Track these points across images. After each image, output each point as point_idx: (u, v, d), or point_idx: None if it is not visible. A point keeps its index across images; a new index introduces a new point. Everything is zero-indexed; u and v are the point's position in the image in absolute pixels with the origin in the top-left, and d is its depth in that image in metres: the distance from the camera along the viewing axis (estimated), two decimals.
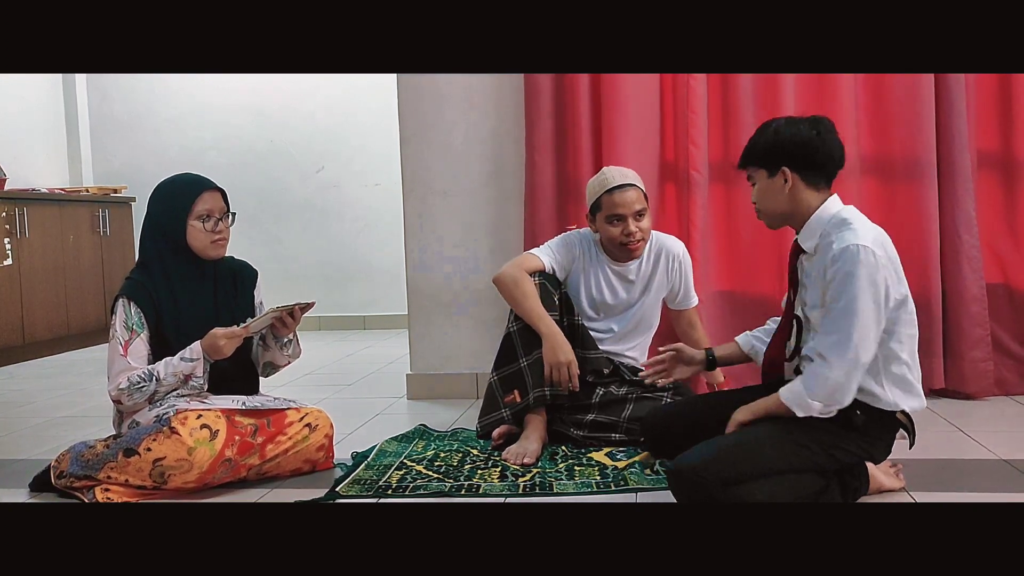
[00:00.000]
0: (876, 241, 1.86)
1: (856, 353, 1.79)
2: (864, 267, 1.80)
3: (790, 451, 1.85)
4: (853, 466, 1.98)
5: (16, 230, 4.79)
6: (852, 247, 1.82)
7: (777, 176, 1.97)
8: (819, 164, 1.96)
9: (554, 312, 2.55)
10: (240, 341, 2.30)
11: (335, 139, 5.94)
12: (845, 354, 1.80)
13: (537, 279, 2.58)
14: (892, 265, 1.87)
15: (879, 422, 1.94)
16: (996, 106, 3.12)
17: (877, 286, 1.81)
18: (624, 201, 2.55)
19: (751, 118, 3.10)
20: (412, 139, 3.39)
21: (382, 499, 2.15)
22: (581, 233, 2.74)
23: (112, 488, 2.19)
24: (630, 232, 2.56)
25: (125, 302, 2.28)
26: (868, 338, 1.80)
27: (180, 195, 2.33)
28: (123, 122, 6.12)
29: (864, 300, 1.80)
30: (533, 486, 2.19)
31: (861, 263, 1.80)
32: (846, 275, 1.81)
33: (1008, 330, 3.13)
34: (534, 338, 2.53)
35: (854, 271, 1.80)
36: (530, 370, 2.51)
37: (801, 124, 1.99)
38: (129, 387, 2.23)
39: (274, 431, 2.32)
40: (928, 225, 3.04)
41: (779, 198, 1.98)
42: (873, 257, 1.81)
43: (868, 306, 1.80)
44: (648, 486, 2.17)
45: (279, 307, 2.34)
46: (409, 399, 3.42)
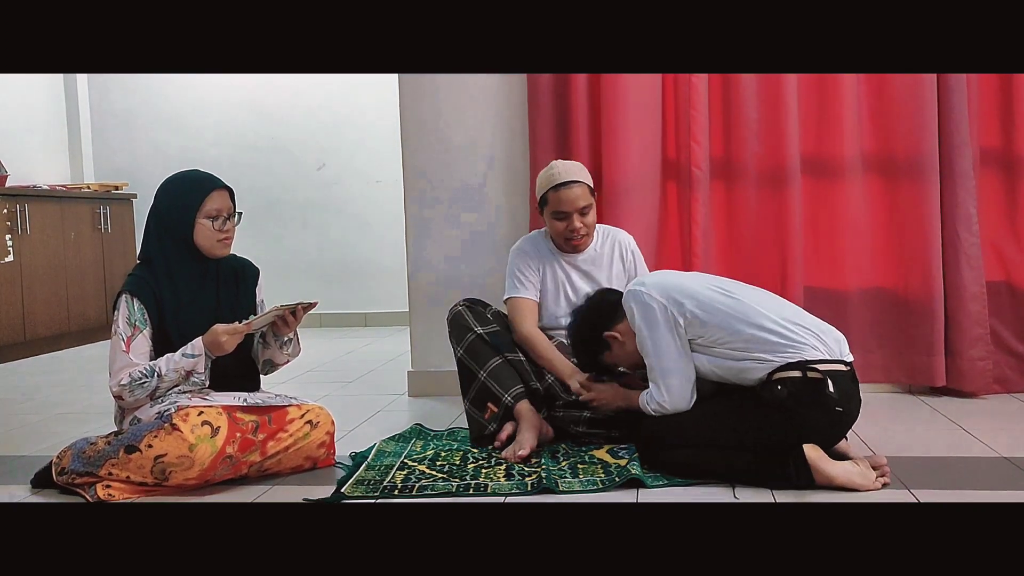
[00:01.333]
0: (636, 283, 2.31)
1: (666, 374, 2.24)
2: (636, 306, 2.27)
3: (724, 427, 2.17)
4: (781, 449, 2.10)
5: (17, 227, 4.79)
6: (625, 296, 2.32)
7: (614, 349, 2.40)
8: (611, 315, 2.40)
9: (515, 356, 2.62)
10: (241, 338, 2.30)
11: (336, 136, 5.94)
12: (658, 377, 2.26)
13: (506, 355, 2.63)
14: (660, 290, 2.26)
15: (797, 395, 2.09)
16: (997, 104, 3.12)
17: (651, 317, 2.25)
18: (568, 198, 2.62)
19: (753, 114, 3.11)
20: (413, 136, 3.38)
21: (389, 499, 2.15)
22: (530, 239, 2.79)
23: (113, 485, 2.19)
24: (574, 228, 2.64)
25: (128, 298, 2.28)
26: (670, 365, 2.24)
27: (190, 192, 2.33)
28: (124, 119, 6.12)
29: (647, 332, 2.25)
30: (540, 483, 2.19)
31: (632, 304, 2.27)
32: (633, 321, 2.29)
33: (1009, 327, 3.13)
34: (481, 351, 2.60)
35: (633, 315, 2.29)
36: (492, 378, 2.57)
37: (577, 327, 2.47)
38: (131, 383, 2.23)
39: (275, 428, 2.32)
40: (929, 223, 3.03)
41: (635, 354, 2.34)
42: (636, 293, 2.27)
43: (655, 333, 2.24)
44: (654, 483, 2.17)
45: (282, 305, 2.34)
46: (410, 396, 3.42)
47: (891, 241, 3.11)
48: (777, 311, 2.22)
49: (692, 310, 2.21)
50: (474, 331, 2.63)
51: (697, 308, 2.21)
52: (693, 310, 2.21)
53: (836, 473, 2.07)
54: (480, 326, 2.64)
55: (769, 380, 2.13)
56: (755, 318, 2.18)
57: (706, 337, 2.21)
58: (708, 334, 2.20)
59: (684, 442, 2.20)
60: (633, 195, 3.13)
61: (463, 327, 2.65)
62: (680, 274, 2.49)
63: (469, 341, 2.62)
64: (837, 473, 2.07)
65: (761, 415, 2.13)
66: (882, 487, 2.09)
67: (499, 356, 2.60)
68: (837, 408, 2.11)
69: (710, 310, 2.21)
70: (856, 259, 3.12)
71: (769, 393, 2.11)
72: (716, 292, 2.25)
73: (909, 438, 2.57)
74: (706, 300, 2.22)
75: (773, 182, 3.11)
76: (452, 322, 2.69)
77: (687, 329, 2.22)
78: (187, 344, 2.26)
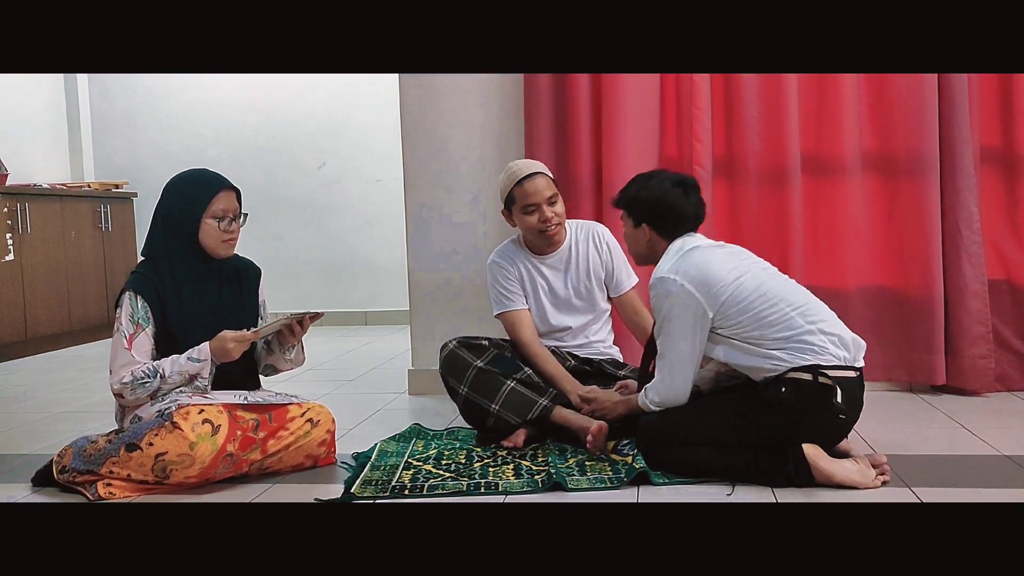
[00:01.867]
0: (672, 269, 2.20)
1: (675, 366, 2.21)
2: (663, 296, 2.19)
3: (724, 424, 2.15)
4: (780, 447, 2.10)
5: (18, 225, 4.79)
6: (654, 281, 2.23)
7: (640, 229, 2.33)
8: (673, 225, 2.31)
9: (523, 372, 2.58)
10: (248, 345, 2.30)
11: (336, 135, 5.94)
12: (665, 365, 2.23)
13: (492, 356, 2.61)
14: (697, 277, 2.17)
15: (804, 399, 2.08)
16: (998, 102, 3.11)
17: (677, 309, 2.18)
18: (535, 189, 2.61)
19: (755, 112, 3.10)
20: (413, 135, 3.38)
21: (399, 499, 2.15)
22: (502, 252, 2.77)
23: (114, 483, 2.19)
24: (546, 218, 2.62)
25: (132, 296, 2.28)
26: (681, 359, 2.20)
27: (198, 192, 2.33)
28: (124, 118, 6.12)
29: (670, 323, 2.19)
30: (549, 480, 2.19)
31: (661, 295, 2.20)
32: (655, 308, 2.24)
33: (1010, 326, 3.13)
34: (485, 384, 2.54)
35: (656, 303, 2.22)
36: (506, 408, 2.52)
37: (663, 185, 2.31)
38: (132, 382, 2.23)
39: (276, 426, 2.32)
40: (930, 221, 3.03)
41: (641, 245, 2.37)
42: (670, 282, 2.18)
43: (677, 327, 2.18)
44: (660, 481, 2.18)
45: (290, 314, 2.34)
46: (411, 395, 3.42)
47: (892, 239, 3.10)
48: (808, 314, 2.16)
49: (726, 302, 2.15)
50: (474, 365, 2.58)
51: (731, 302, 2.15)
52: (727, 303, 2.15)
53: (836, 471, 2.07)
54: (478, 358, 2.59)
55: (776, 379, 2.12)
56: (786, 321, 2.14)
57: (729, 329, 2.17)
58: (734, 327, 2.16)
59: (683, 441, 2.19)
60: None
61: (461, 367, 2.59)
62: (721, 256, 2.26)
63: (472, 377, 2.57)
64: (837, 471, 2.07)
65: (762, 414, 2.12)
66: (882, 485, 2.09)
67: (508, 379, 2.54)
68: (841, 416, 2.11)
69: (744, 307, 2.15)
70: (857, 257, 3.12)
71: (772, 393, 2.11)
72: (753, 287, 2.16)
73: (909, 436, 2.57)
74: (742, 296, 2.15)
75: (774, 180, 3.11)
76: (447, 363, 2.62)
77: (713, 319, 2.17)
78: (193, 348, 2.26)
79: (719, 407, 2.21)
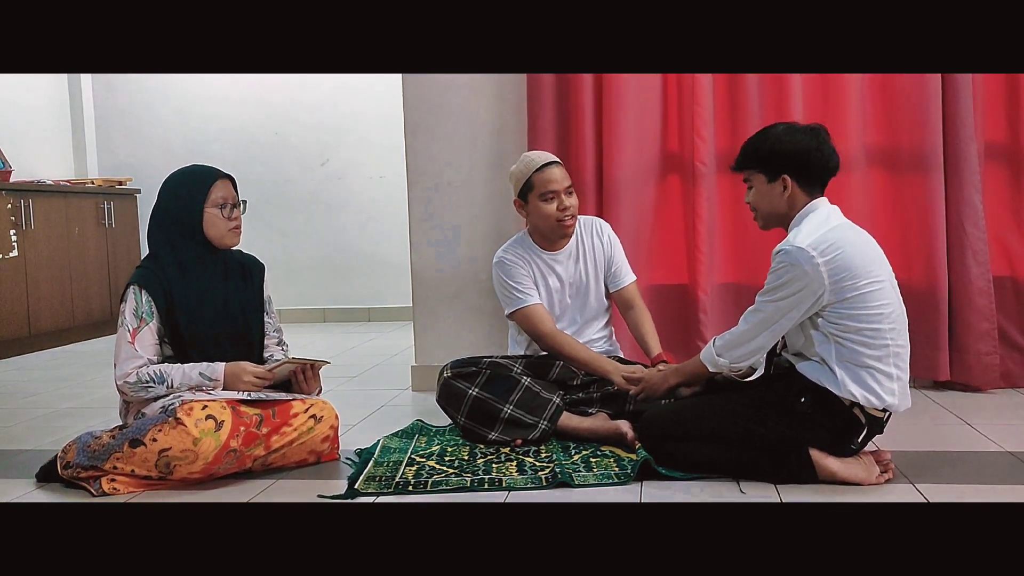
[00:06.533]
0: (815, 244, 2.02)
1: (765, 326, 2.07)
2: (792, 267, 2.02)
3: (728, 421, 2.12)
4: (788, 446, 2.08)
5: (22, 222, 4.79)
6: (789, 248, 2.04)
7: (777, 182, 2.14)
8: (816, 173, 2.12)
9: (517, 393, 2.51)
10: (259, 387, 2.31)
11: (339, 131, 5.94)
12: (755, 320, 2.09)
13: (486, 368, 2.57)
14: (836, 264, 2.01)
15: (824, 409, 2.05)
16: (1003, 97, 3.10)
17: (799, 284, 2.02)
18: (555, 177, 2.61)
19: (757, 109, 3.10)
20: (416, 131, 3.38)
21: (403, 496, 2.15)
22: (508, 248, 2.76)
23: (118, 479, 2.20)
24: (565, 207, 2.61)
25: (136, 290, 2.29)
26: (774, 326, 2.06)
27: (196, 184, 2.35)
28: (128, 114, 6.12)
29: (784, 292, 2.03)
30: (554, 478, 2.19)
31: (791, 264, 2.02)
32: (776, 272, 2.06)
33: (1014, 323, 3.12)
34: (482, 413, 2.51)
35: (782, 270, 2.04)
36: (518, 409, 2.49)
37: (801, 133, 2.13)
38: (137, 383, 2.24)
39: (279, 422, 2.32)
40: (934, 218, 3.02)
41: (777, 202, 2.16)
42: (806, 258, 2.01)
43: (788, 298, 2.03)
44: (668, 474, 2.18)
45: (296, 359, 2.36)
46: (414, 391, 3.42)
47: (896, 235, 3.09)
48: (901, 359, 2.08)
49: (847, 302, 2.02)
50: (469, 394, 2.54)
51: (851, 305, 2.02)
52: (846, 304, 2.02)
53: (839, 468, 2.07)
54: (472, 386, 2.55)
55: (804, 387, 2.07)
56: (879, 353, 2.04)
57: (826, 327, 2.06)
58: (832, 323, 2.05)
59: (687, 435, 2.18)
60: (635, 190, 3.13)
61: (457, 396, 2.56)
62: (863, 248, 2.09)
63: (468, 406, 2.54)
64: (840, 468, 2.07)
65: (772, 414, 2.10)
66: (885, 482, 2.09)
67: (505, 405, 2.50)
68: (852, 447, 2.10)
69: (858, 316, 2.02)
70: None
71: (792, 398, 2.08)
72: (878, 304, 2.04)
73: (913, 432, 2.56)
74: (863, 306, 2.02)
75: None
76: (443, 394, 2.60)
77: (825, 306, 2.04)
78: (207, 365, 2.27)
79: (728, 404, 2.17)
